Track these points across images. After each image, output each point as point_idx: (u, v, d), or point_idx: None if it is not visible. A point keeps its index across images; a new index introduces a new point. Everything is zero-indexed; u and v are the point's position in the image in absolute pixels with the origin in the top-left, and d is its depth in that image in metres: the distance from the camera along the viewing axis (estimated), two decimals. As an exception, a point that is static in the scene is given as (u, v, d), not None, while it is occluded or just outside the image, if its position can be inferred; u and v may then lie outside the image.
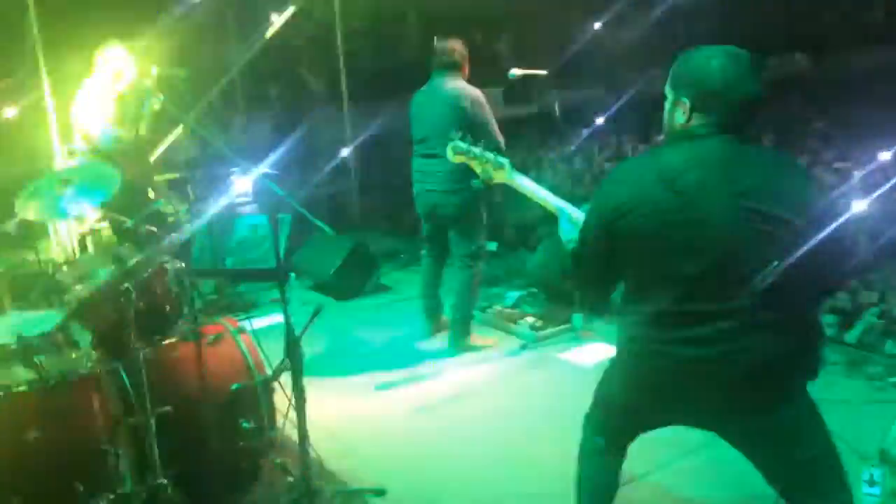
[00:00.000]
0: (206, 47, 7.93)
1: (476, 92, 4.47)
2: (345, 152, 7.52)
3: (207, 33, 8.04)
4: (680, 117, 2.07)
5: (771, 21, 12.79)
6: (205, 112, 6.90)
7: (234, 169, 6.97)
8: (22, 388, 2.68)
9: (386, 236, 7.22)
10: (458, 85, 4.50)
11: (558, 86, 5.03)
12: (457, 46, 4.58)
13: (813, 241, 1.91)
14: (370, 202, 7.81)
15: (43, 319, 3.06)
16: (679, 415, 2.23)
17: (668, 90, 2.13)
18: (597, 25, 12.51)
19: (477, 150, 2.57)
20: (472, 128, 4.16)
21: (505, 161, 2.55)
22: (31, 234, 4.05)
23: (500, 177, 2.55)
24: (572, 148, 4.88)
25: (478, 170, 2.58)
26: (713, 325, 1.99)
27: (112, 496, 2.77)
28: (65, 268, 3.22)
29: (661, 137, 2.19)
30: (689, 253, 1.98)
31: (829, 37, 12.80)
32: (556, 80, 4.93)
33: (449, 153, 2.60)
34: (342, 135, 7.58)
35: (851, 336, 4.27)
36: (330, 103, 8.04)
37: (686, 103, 2.04)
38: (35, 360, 2.77)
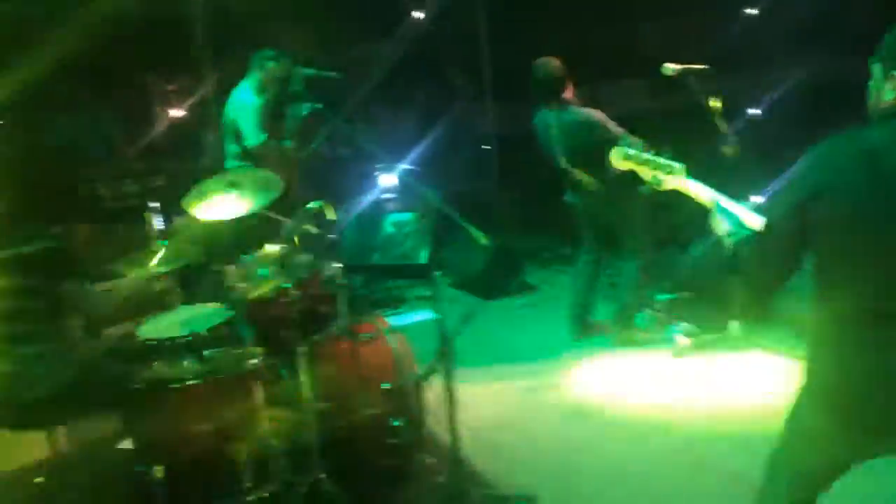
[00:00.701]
0: (351, 45, 8.13)
1: (593, 113, 4.52)
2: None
3: (353, 31, 8.25)
4: (889, 93, 1.86)
5: None
6: (351, 110, 7.05)
7: (379, 165, 7.13)
8: (194, 381, 2.81)
9: (527, 234, 7.13)
10: (576, 114, 4.54)
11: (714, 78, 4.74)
12: (555, 69, 4.58)
13: None
14: (511, 199, 7.73)
15: (210, 315, 3.21)
16: (886, 438, 1.93)
17: (875, 66, 1.93)
18: (750, 11, 11.83)
19: (648, 154, 2.38)
20: (603, 146, 4.21)
21: (679, 165, 2.35)
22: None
23: (671, 183, 2.35)
24: (730, 138, 4.53)
25: (646, 176, 2.37)
26: None
27: (274, 488, 2.87)
28: (230, 266, 3.35)
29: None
30: (886, 241, 1.79)
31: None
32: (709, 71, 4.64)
33: (614, 158, 2.40)
34: (485, 132, 7.56)
35: None
36: (474, 101, 8.03)
37: None
38: (204, 353, 2.90)
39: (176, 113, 6.81)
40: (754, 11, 11.31)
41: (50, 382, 2.97)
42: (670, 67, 4.38)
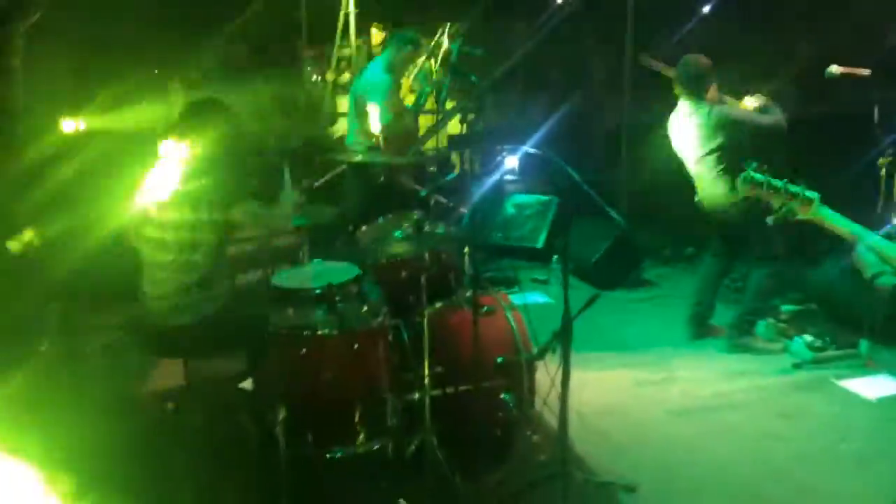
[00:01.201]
0: (495, 25, 8.16)
1: (726, 111, 4.40)
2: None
3: (495, 13, 8.28)
4: None
5: None
6: (486, 90, 7.10)
7: (505, 146, 7.16)
8: (324, 331, 2.98)
9: (651, 229, 7.01)
10: (712, 111, 4.39)
11: (874, 84, 4.52)
12: (702, 66, 4.47)
13: None
14: (638, 193, 7.60)
15: (342, 270, 3.37)
16: None
17: None
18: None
19: (778, 182, 2.27)
20: (741, 145, 4.25)
21: (815, 195, 2.24)
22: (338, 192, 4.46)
23: (806, 213, 2.24)
24: (885, 155, 4.34)
25: (776, 204, 2.27)
26: None
27: (386, 440, 3.01)
28: (364, 227, 3.51)
29: None
30: None
31: None
32: (872, 78, 4.44)
33: (740, 186, 2.31)
34: (618, 122, 7.45)
35: None
36: (611, 90, 7.91)
37: None
38: (337, 307, 3.06)
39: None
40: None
41: (197, 311, 3.22)
42: (835, 70, 4.28)
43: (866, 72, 4.18)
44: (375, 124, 4.91)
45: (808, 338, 4.56)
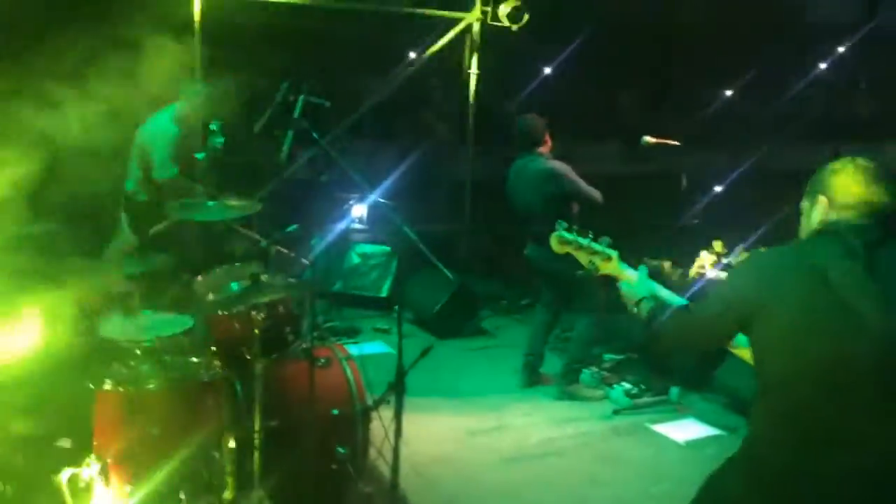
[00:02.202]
0: (341, 77, 8.29)
1: (558, 165, 4.72)
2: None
3: (343, 63, 8.43)
4: (818, 216, 2.04)
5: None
6: (333, 139, 7.18)
7: (352, 195, 7.25)
8: (150, 386, 2.89)
9: (490, 280, 7.29)
10: (541, 164, 4.73)
11: (682, 150, 5.03)
12: (536, 123, 4.85)
13: None
14: (479, 245, 7.89)
15: (173, 322, 3.30)
16: None
17: (803, 203, 2.12)
18: (728, 92, 12.32)
19: (584, 240, 2.45)
20: (566, 198, 4.56)
21: (614, 253, 2.46)
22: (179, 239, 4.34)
23: (607, 269, 2.45)
24: (695, 222, 4.85)
25: (583, 261, 2.48)
26: (865, 440, 1.87)
27: (215, 498, 2.94)
28: (199, 277, 3.44)
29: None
30: (839, 353, 1.87)
31: None
32: (683, 145, 4.94)
33: (553, 244, 2.49)
34: (463, 175, 7.74)
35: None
36: (454, 143, 8.22)
37: (824, 200, 2.02)
38: (165, 359, 2.98)
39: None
40: (729, 93, 11.82)
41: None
42: (648, 140, 4.74)
43: (676, 143, 4.65)
44: (157, 174, 4.74)
45: (627, 385, 4.91)
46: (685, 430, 4.49)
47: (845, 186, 2.01)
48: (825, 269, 1.91)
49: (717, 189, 7.46)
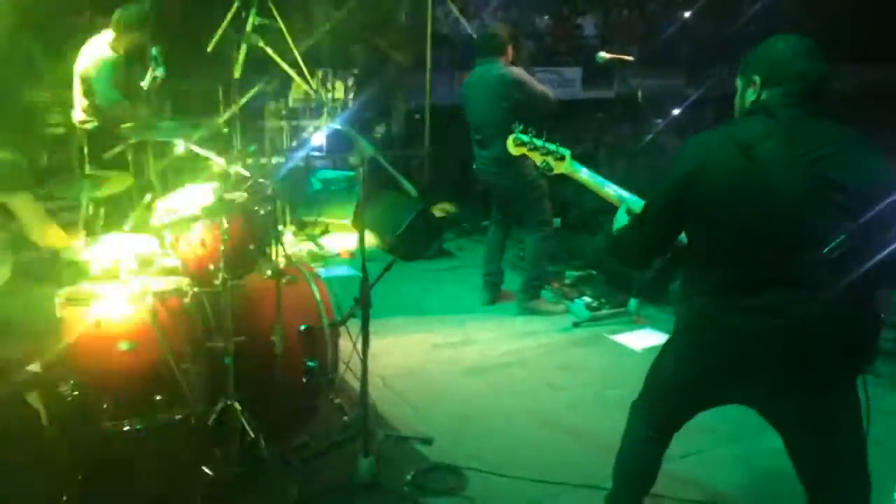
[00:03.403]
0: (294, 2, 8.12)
1: (517, 71, 4.66)
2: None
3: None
4: (751, 95, 2.18)
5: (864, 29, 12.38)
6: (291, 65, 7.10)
7: (312, 123, 7.22)
8: (121, 304, 2.93)
9: (451, 203, 7.37)
10: (500, 70, 4.67)
11: (641, 73, 5.09)
12: (500, 31, 4.79)
13: (884, 222, 1.96)
14: (440, 170, 7.95)
15: (140, 243, 3.32)
16: (733, 391, 2.26)
17: (738, 80, 2.25)
18: (686, 14, 12.32)
19: (538, 141, 2.57)
20: (522, 106, 4.49)
21: (566, 152, 2.57)
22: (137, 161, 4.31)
23: (560, 168, 2.56)
24: (648, 136, 4.95)
25: (538, 161, 2.58)
26: (780, 294, 2.05)
27: (187, 410, 3.03)
28: (161, 198, 3.46)
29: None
30: (760, 219, 2.04)
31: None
32: (639, 67, 4.99)
33: (509, 145, 2.59)
34: (422, 102, 7.72)
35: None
36: (411, 70, 8.16)
37: (756, 80, 2.16)
38: (133, 279, 3.02)
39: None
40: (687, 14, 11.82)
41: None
42: (603, 55, 4.77)
43: (630, 59, 4.70)
44: (100, 101, 4.71)
45: (587, 299, 5.07)
46: (642, 339, 4.68)
47: (779, 63, 2.13)
48: (751, 145, 2.05)
49: (675, 112, 7.59)
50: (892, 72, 11.84)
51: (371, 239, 6.22)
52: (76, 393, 2.92)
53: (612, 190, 2.52)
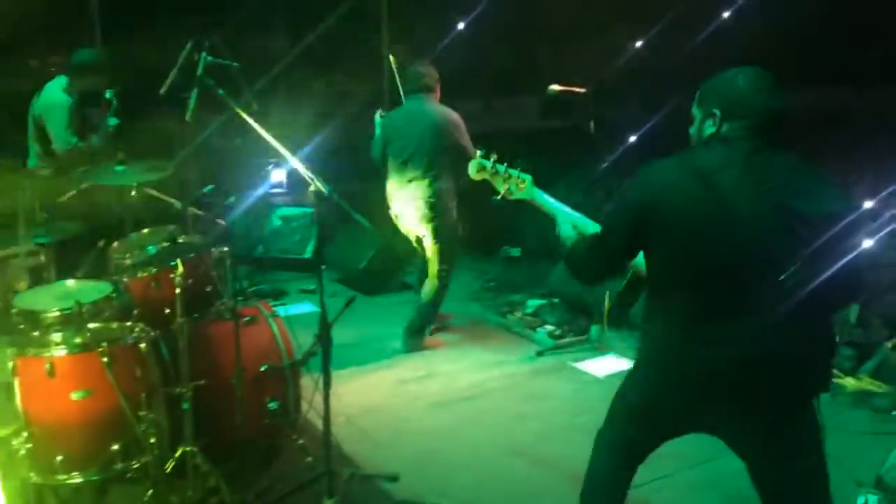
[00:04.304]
0: (252, 40, 8.14)
1: (456, 115, 4.72)
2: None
3: (254, 27, 8.26)
4: (710, 128, 2.20)
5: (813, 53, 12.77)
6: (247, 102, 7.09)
7: (271, 160, 7.18)
8: (74, 352, 2.88)
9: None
10: (440, 108, 4.72)
11: (597, 103, 5.15)
12: (431, 71, 4.83)
13: (835, 245, 2.02)
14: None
15: (94, 289, 3.27)
16: (697, 419, 2.28)
17: (695, 110, 2.28)
18: (638, 44, 12.57)
19: (500, 167, 2.59)
20: (455, 148, 4.58)
21: (528, 177, 2.61)
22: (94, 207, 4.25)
23: (521, 193, 2.60)
24: (604, 165, 5.02)
25: (500, 187, 2.60)
26: (740, 323, 2.08)
27: (145, 459, 2.96)
28: (115, 243, 3.42)
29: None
30: (719, 247, 2.07)
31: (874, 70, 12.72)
32: (595, 98, 5.05)
33: (471, 169, 2.61)
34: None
35: (866, 368, 4.35)
36: (369, 103, 8.19)
37: (717, 113, 2.18)
38: (87, 326, 2.97)
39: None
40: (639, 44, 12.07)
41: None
42: (554, 88, 4.82)
43: (582, 90, 4.76)
44: (57, 146, 4.63)
45: (549, 327, 5.09)
46: (605, 366, 4.71)
47: (740, 98, 2.16)
48: (710, 173, 2.08)
49: (632, 139, 7.72)
50: (828, 95, 12.21)
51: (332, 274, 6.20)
52: (29, 446, 2.86)
53: (570, 214, 2.56)
